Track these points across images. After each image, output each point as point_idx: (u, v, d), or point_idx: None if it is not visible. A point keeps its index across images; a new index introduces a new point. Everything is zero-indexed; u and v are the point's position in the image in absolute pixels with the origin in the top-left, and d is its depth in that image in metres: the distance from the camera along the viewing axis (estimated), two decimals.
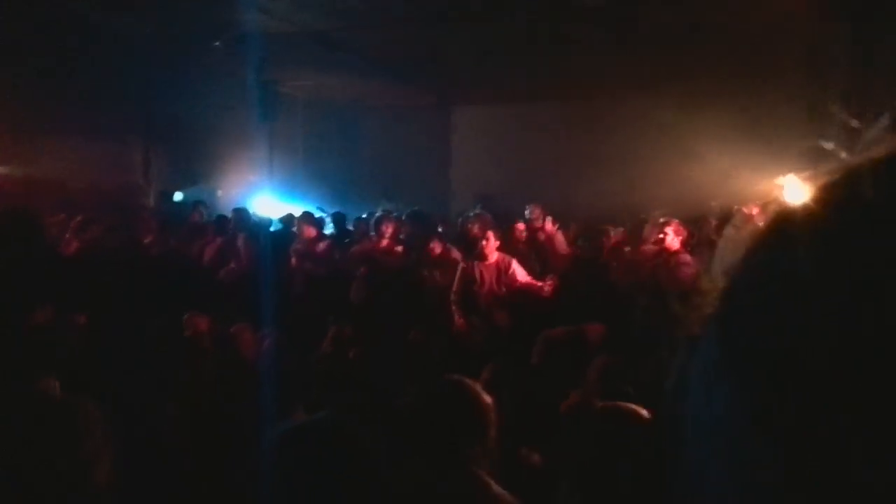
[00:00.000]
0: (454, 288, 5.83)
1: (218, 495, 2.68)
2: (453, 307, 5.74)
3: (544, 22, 7.99)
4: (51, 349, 3.82)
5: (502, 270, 5.87)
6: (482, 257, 5.87)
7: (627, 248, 6.70)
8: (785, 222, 0.40)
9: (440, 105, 13.38)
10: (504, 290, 5.83)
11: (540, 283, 5.78)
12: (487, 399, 2.13)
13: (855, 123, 6.98)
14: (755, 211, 5.98)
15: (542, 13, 7.73)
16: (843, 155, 0.46)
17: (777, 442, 0.35)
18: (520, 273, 5.90)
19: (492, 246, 5.88)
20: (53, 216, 7.00)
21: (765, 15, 7.23)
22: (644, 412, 1.96)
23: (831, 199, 0.39)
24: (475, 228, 6.44)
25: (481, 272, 5.85)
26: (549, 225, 7.08)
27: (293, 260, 6.65)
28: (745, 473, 0.36)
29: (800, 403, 0.34)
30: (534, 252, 6.83)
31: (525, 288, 5.82)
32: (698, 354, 0.42)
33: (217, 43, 9.05)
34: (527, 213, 7.51)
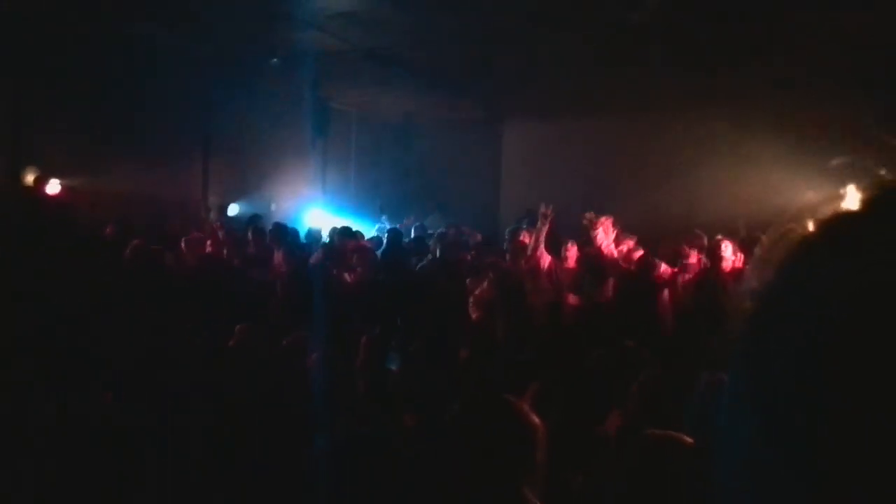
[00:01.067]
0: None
1: None
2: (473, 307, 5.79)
3: (594, 38, 7.96)
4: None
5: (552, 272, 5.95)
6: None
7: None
8: (813, 247, 0.40)
9: (490, 120, 13.40)
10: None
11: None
12: (535, 419, 2.11)
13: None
14: (784, 232, 5.81)
15: (592, 29, 7.70)
16: (880, 172, 0.45)
17: (804, 473, 0.34)
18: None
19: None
20: (108, 228, 7.28)
21: (817, 33, 7.07)
22: (688, 439, 1.92)
23: (859, 225, 0.38)
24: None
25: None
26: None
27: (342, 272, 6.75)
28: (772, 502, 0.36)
29: (828, 435, 0.34)
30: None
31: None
32: (725, 382, 0.42)
33: (274, 60, 9.28)
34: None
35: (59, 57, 8.04)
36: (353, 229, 8.35)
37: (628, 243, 6.95)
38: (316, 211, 10.67)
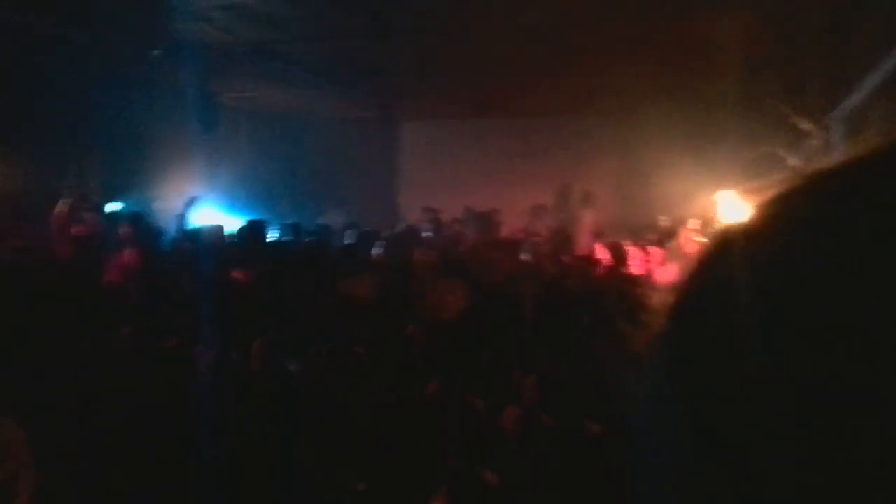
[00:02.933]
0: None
1: None
2: None
3: (483, 39, 8.07)
4: None
5: None
6: None
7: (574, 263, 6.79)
8: (728, 241, 0.40)
9: (384, 118, 13.36)
10: None
11: None
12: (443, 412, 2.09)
13: (805, 125, 7.17)
14: (698, 227, 6.12)
15: (480, 31, 7.81)
16: (792, 161, 0.46)
17: (726, 466, 0.35)
18: None
19: None
20: None
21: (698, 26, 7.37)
22: (594, 426, 1.97)
23: (774, 217, 0.38)
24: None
25: None
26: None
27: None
28: (695, 498, 0.36)
29: (747, 426, 0.34)
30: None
31: None
32: (646, 374, 0.41)
33: (156, 52, 8.85)
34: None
35: None
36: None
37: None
38: (206, 209, 10.27)
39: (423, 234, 8.41)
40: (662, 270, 5.94)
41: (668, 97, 9.62)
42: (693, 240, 5.94)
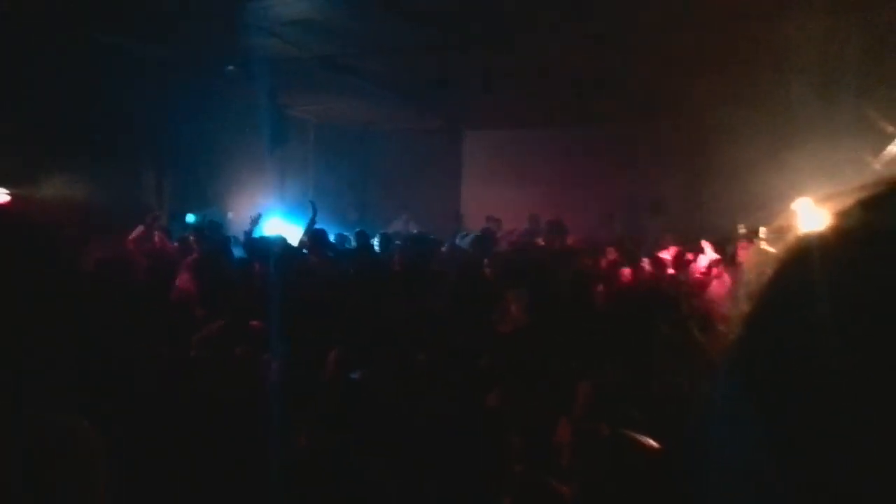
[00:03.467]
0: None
1: None
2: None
3: (553, 48, 8.04)
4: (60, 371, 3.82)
5: None
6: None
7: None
8: (806, 248, 0.39)
9: (450, 128, 13.46)
10: None
11: None
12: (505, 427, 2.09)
13: (889, 128, 6.87)
14: (778, 234, 5.89)
15: (545, 42, 7.78)
16: (875, 166, 0.44)
17: (802, 478, 0.33)
18: None
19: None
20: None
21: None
22: (651, 441, 1.92)
23: (855, 225, 0.37)
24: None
25: None
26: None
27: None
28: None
29: (826, 438, 0.33)
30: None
31: None
32: (720, 384, 0.40)
33: (230, 67, 9.17)
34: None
35: (7, 62, 7.81)
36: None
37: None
38: (274, 219, 10.54)
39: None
40: (721, 280, 5.78)
41: (744, 101, 9.36)
42: (746, 250, 5.77)
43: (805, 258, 0.39)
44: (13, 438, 1.83)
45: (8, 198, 8.06)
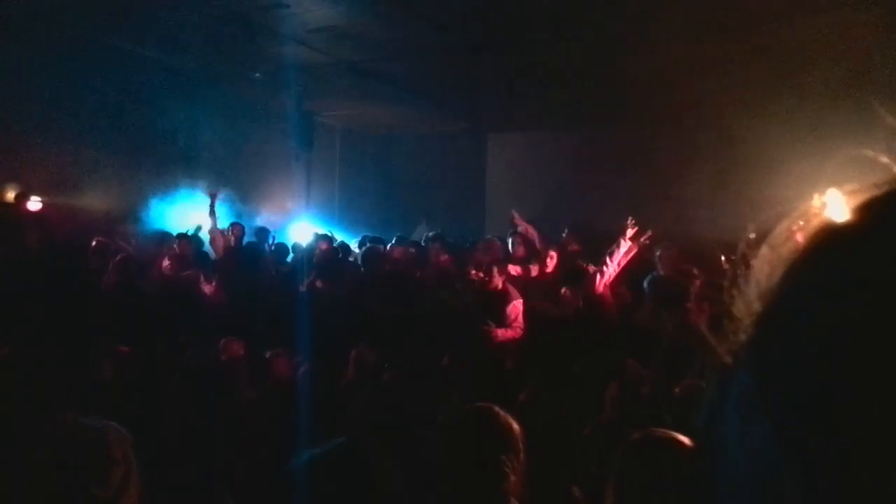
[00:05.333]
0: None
1: None
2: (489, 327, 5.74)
3: (577, 50, 8.01)
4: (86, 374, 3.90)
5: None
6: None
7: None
8: (823, 245, 0.38)
9: (473, 132, 13.45)
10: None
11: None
12: (517, 426, 2.12)
13: None
14: (792, 230, 5.78)
15: (569, 43, 7.75)
16: (889, 163, 0.43)
17: (815, 482, 0.33)
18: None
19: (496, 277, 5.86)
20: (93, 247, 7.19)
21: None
22: (683, 439, 1.91)
23: (872, 221, 0.37)
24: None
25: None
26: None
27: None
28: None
29: (842, 442, 0.32)
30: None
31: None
32: (731, 384, 0.39)
33: (257, 74, 9.27)
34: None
35: (40, 73, 7.99)
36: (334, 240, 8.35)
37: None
38: (301, 224, 10.63)
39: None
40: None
41: (766, 101, 9.23)
42: (786, 243, 5.63)
43: (819, 255, 0.38)
44: (46, 439, 1.88)
45: (40, 205, 8.24)
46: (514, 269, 6.42)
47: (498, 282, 5.80)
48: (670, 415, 2.97)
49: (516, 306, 5.75)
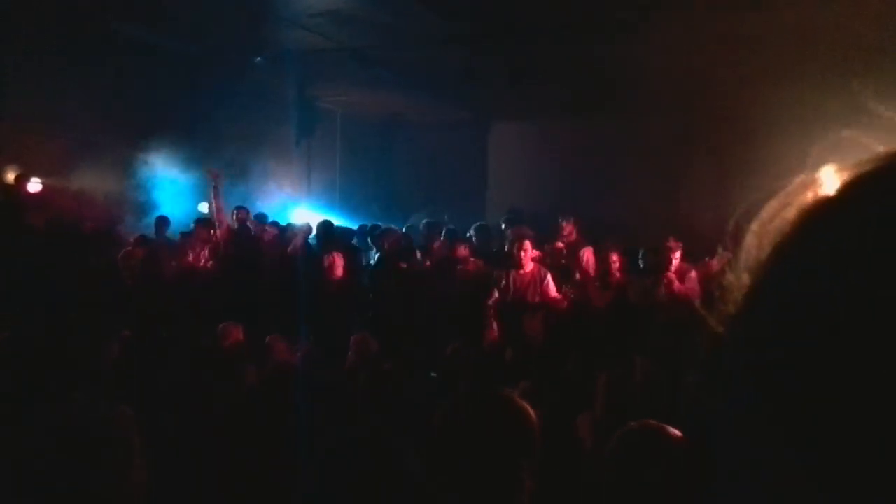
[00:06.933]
0: (490, 298, 5.86)
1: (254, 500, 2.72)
2: (488, 317, 5.77)
3: (576, 39, 7.97)
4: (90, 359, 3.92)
5: (537, 281, 5.89)
6: (517, 266, 5.90)
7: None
8: (813, 218, 0.39)
9: (476, 120, 13.42)
10: (537, 300, 5.84)
11: (559, 297, 5.81)
12: (534, 417, 1.98)
13: (881, 108, 6.73)
14: (780, 206, 5.81)
15: (573, 31, 7.71)
16: (870, 144, 0.45)
17: (804, 449, 0.34)
18: (552, 287, 5.90)
19: (528, 256, 5.92)
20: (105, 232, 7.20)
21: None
22: (672, 430, 1.92)
23: (860, 196, 0.38)
24: (511, 238, 6.55)
25: (514, 281, 5.88)
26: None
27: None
28: (772, 480, 0.35)
29: (829, 409, 0.33)
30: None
31: (554, 302, 5.84)
32: (720, 357, 0.40)
33: (258, 59, 9.23)
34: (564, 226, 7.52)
35: (43, 56, 7.96)
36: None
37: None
38: (301, 209, 10.63)
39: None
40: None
41: (771, 91, 9.21)
42: (775, 218, 5.68)
43: (806, 229, 0.39)
44: (59, 422, 1.90)
45: (40, 188, 8.22)
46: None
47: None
48: (666, 403, 2.99)
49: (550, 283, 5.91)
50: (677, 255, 5.83)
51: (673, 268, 5.69)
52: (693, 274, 5.70)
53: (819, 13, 6.71)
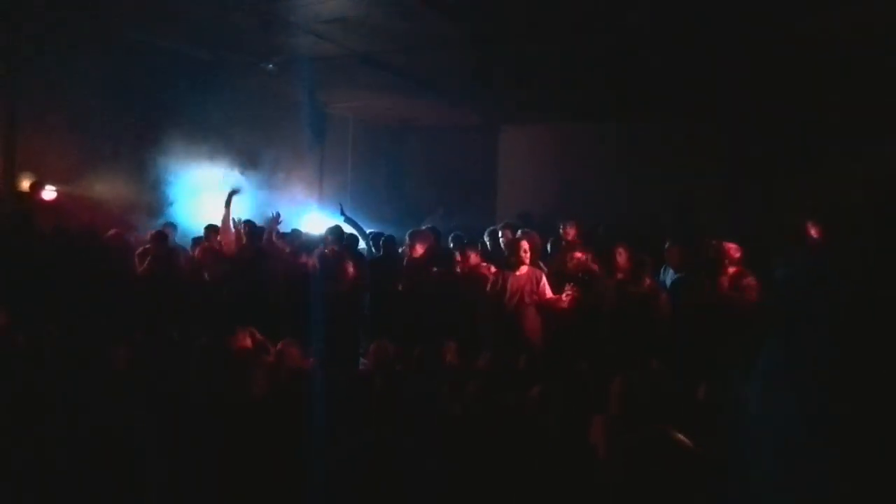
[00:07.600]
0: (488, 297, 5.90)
1: None
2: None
3: (588, 43, 7.96)
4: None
5: (533, 282, 5.88)
6: (516, 267, 5.91)
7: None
8: (849, 228, 0.40)
9: (486, 125, 13.44)
10: (534, 300, 5.84)
11: (559, 297, 5.80)
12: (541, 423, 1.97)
13: None
14: (808, 224, 5.78)
15: (584, 36, 7.70)
16: None
17: (841, 451, 0.34)
18: (548, 288, 5.89)
19: (527, 257, 5.92)
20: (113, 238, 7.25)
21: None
22: (682, 438, 1.89)
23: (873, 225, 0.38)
24: (508, 239, 6.58)
25: (509, 282, 5.88)
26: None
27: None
28: (808, 481, 0.35)
29: (869, 414, 0.33)
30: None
31: (550, 303, 5.84)
32: (759, 364, 0.41)
33: (270, 66, 9.27)
34: (561, 229, 7.50)
35: (55, 63, 8.02)
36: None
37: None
38: (313, 215, 10.65)
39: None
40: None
41: (781, 99, 9.18)
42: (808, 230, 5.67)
43: (851, 237, 0.41)
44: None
45: (55, 195, 8.28)
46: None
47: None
48: (683, 410, 2.96)
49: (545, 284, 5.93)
50: (736, 256, 5.58)
51: (729, 271, 5.47)
52: (750, 280, 5.40)
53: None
